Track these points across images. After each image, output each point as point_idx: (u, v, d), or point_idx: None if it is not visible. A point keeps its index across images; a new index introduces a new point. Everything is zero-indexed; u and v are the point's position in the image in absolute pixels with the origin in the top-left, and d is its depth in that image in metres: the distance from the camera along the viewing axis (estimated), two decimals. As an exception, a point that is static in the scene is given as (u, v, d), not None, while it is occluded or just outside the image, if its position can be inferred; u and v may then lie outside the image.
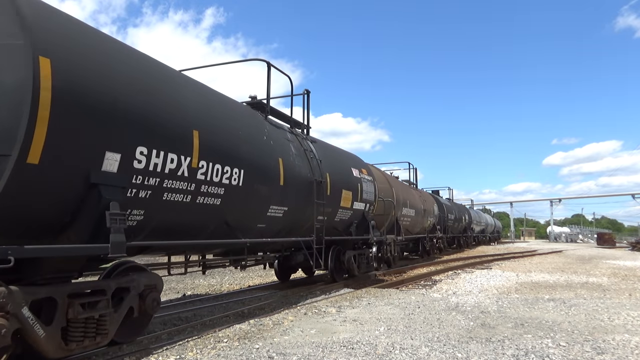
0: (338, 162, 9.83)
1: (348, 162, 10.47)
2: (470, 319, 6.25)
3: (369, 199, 10.88)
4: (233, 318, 6.43)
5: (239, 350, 4.56)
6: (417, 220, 17.35)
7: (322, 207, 8.27)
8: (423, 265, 15.66)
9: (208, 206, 5.40)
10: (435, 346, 4.73)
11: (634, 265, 17.16)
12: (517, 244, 46.45)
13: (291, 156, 7.48)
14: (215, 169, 5.33)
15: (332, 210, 8.93)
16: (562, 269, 15.26)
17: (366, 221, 10.79)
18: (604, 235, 48.92)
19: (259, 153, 6.44)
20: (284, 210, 7.18)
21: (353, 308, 7.08)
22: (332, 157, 9.58)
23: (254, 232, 6.70)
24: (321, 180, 8.27)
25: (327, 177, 8.66)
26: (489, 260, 19.43)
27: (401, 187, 16.07)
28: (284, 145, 7.42)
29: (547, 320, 6.18)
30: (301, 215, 7.84)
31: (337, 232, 9.69)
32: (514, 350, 4.57)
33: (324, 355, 4.39)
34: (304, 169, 7.83)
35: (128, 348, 4.72)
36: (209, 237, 5.81)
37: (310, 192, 7.92)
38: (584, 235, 66.96)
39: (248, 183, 6.02)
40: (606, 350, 4.64)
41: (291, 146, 7.68)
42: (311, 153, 8.39)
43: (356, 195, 10.12)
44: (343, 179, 9.59)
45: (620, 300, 8.24)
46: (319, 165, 8.42)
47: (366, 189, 10.68)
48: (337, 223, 9.57)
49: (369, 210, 11.00)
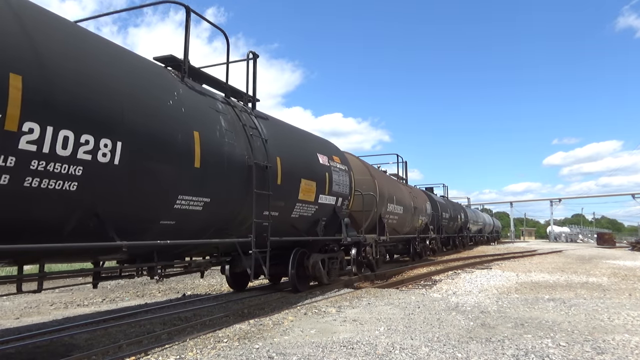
0: (297, 145, 8.16)
1: (312, 147, 8.75)
2: (470, 319, 6.25)
3: (342, 192, 9.39)
4: (233, 318, 6.43)
5: (239, 350, 4.56)
6: (406, 219, 15.73)
7: (268, 200, 6.63)
8: (423, 265, 15.63)
9: (51, 192, 3.76)
10: (435, 346, 4.73)
11: (634, 265, 17.16)
12: (517, 244, 46.44)
13: (217, 131, 5.79)
14: (61, 138, 3.70)
15: (286, 204, 7.42)
16: (562, 269, 15.26)
17: (338, 218, 9.32)
18: (604, 235, 48.92)
19: (157, 121, 4.83)
20: (205, 202, 5.55)
21: (353, 308, 7.08)
22: (287, 137, 7.94)
23: (154, 231, 5.10)
24: (266, 165, 6.64)
25: (277, 162, 7.05)
26: (489, 260, 19.42)
27: (387, 181, 14.32)
28: (207, 116, 5.72)
29: (547, 320, 6.18)
30: (239, 209, 6.27)
31: (295, 232, 8.15)
32: (514, 350, 4.56)
33: (324, 355, 4.39)
34: (239, 149, 6.14)
35: (128, 348, 4.72)
36: (71, 238, 4.15)
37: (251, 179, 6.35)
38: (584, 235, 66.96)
39: (133, 161, 4.44)
40: (606, 350, 4.64)
41: (221, 119, 6.00)
42: (254, 130, 6.74)
43: (322, 187, 8.52)
44: (303, 165, 7.97)
45: (620, 300, 8.24)
46: (264, 145, 6.79)
47: (338, 179, 9.17)
48: (296, 220, 8.00)
49: (343, 206, 9.51)
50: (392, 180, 15.74)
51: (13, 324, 6.48)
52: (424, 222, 18.88)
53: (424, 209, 18.68)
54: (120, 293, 9.48)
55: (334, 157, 9.41)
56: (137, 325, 6.10)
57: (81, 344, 5.12)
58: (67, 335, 5.53)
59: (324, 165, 8.71)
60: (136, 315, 6.80)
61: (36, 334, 5.54)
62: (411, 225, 16.71)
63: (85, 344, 5.14)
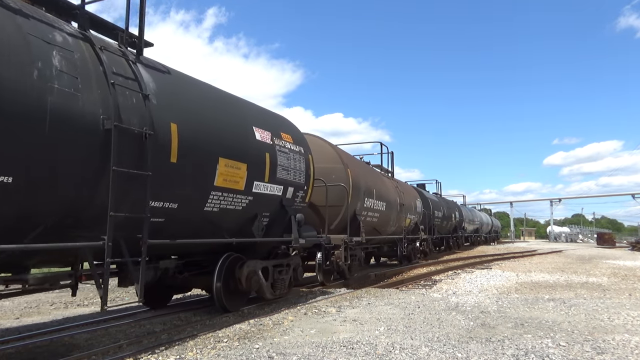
0: (213, 111, 5.95)
1: (245, 117, 6.63)
2: (470, 318, 6.25)
3: (294, 181, 7.41)
4: (233, 318, 6.43)
5: (239, 350, 4.56)
6: (390, 217, 13.69)
7: (147, 184, 4.59)
8: (423, 266, 15.64)
9: None
10: (435, 346, 4.73)
11: (634, 265, 17.17)
12: (517, 244, 46.45)
13: (37, 70, 3.79)
14: None
15: (193, 192, 5.42)
16: (562, 269, 15.26)
17: (287, 214, 7.32)
18: (603, 235, 48.97)
19: None
20: (7, 182, 3.57)
21: (353, 308, 7.08)
22: (196, 99, 5.75)
23: None
24: (145, 133, 4.62)
25: (170, 131, 5.01)
26: (489, 260, 19.43)
27: (365, 172, 12.08)
28: (14, 45, 3.71)
29: (547, 320, 6.19)
30: (89, 195, 4.26)
31: (214, 231, 6.13)
32: (514, 350, 4.57)
33: (324, 355, 4.39)
34: (87, 103, 4.16)
35: (128, 348, 4.72)
36: None
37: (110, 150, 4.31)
38: (584, 235, 67.00)
39: None
40: (606, 350, 4.64)
41: (54, 54, 4.01)
42: (129, 82, 4.72)
43: (259, 172, 6.52)
44: (223, 139, 5.88)
45: (620, 300, 8.24)
46: (144, 103, 4.77)
47: (287, 164, 7.20)
48: (216, 216, 5.95)
49: (296, 198, 7.55)
50: (372, 171, 13.63)
51: (13, 324, 6.48)
52: (414, 221, 17.03)
53: (413, 206, 16.79)
54: (120, 293, 9.48)
55: (283, 135, 7.32)
56: (137, 325, 6.09)
57: (81, 344, 5.12)
58: (67, 335, 5.53)
59: (263, 143, 6.65)
60: (136, 315, 6.80)
61: (36, 334, 5.54)
62: (397, 224, 14.73)
63: (85, 343, 5.14)
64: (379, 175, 14.03)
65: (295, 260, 7.94)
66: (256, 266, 6.77)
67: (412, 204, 16.80)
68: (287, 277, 7.64)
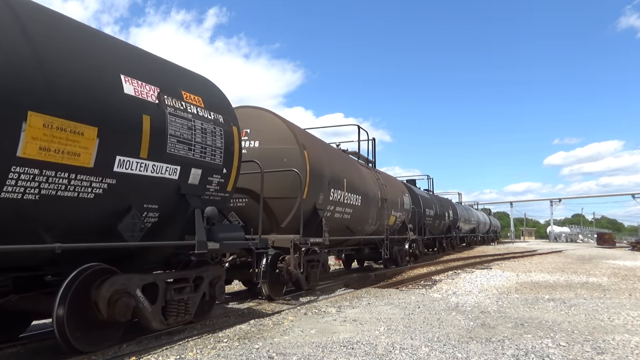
0: (29, 37, 3.62)
1: (103, 59, 4.35)
2: (470, 319, 6.25)
3: (203, 160, 5.28)
4: (233, 318, 6.43)
5: (239, 350, 4.56)
6: (367, 214, 11.40)
7: None
8: (423, 265, 15.64)
9: None
10: (435, 346, 4.73)
11: (634, 265, 17.17)
12: (517, 244, 46.45)
13: None
14: None
15: None
16: (562, 269, 15.26)
17: (188, 207, 5.14)
18: (604, 235, 48.95)
19: None
20: None
21: (353, 308, 7.08)
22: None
23: None
24: None
25: None
26: (489, 260, 19.43)
27: (330, 156, 9.71)
28: None
29: (547, 320, 6.19)
30: None
31: (36, 232, 3.85)
32: (514, 350, 4.56)
33: (324, 355, 4.39)
34: None
35: (128, 348, 4.72)
36: None
37: None
38: (584, 235, 66.99)
39: None
40: (606, 350, 4.64)
41: None
42: None
43: (125, 142, 4.35)
44: (34, 84, 3.58)
45: (620, 300, 8.24)
46: None
47: (186, 134, 5.03)
48: (33, 208, 3.70)
49: (206, 184, 5.45)
50: (344, 158, 10.99)
51: (13, 324, 6.47)
52: (400, 220, 14.81)
53: (399, 202, 14.56)
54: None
55: (186, 94, 5.23)
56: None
57: (81, 344, 5.10)
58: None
59: (137, 99, 4.52)
60: (136, 315, 6.79)
61: (36, 334, 5.53)
62: (379, 222, 12.57)
63: (85, 344, 5.12)
64: (354, 164, 11.55)
65: (213, 272, 5.87)
66: (129, 283, 4.58)
67: (399, 199, 14.57)
68: (197, 297, 5.55)
